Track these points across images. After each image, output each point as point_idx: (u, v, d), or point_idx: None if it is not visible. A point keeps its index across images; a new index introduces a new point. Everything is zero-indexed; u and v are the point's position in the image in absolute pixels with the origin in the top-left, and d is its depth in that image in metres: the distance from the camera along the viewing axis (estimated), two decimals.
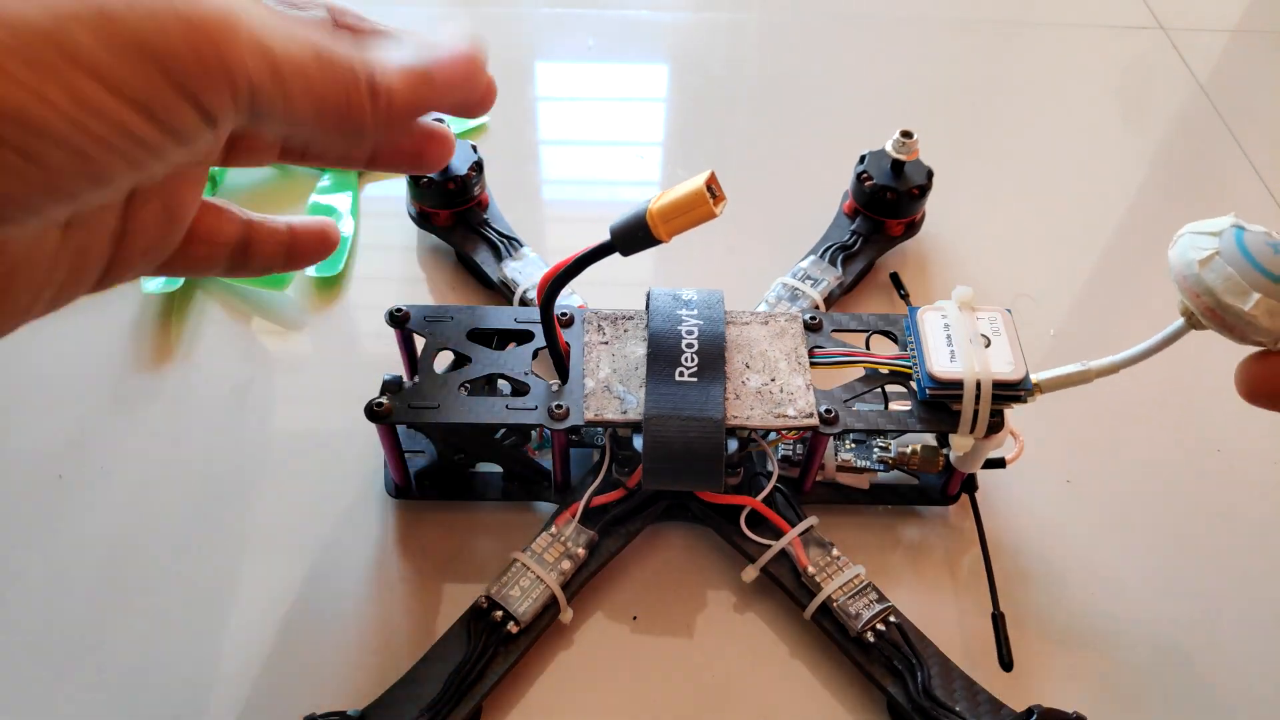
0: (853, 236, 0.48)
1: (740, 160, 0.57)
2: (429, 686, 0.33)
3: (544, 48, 0.65)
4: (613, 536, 0.37)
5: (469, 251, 0.47)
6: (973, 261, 0.51)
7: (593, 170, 0.57)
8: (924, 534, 0.40)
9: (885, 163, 0.47)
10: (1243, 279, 0.28)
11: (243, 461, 0.41)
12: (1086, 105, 0.62)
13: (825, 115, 0.60)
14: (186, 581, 0.38)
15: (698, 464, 0.34)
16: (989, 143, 0.59)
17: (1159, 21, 0.69)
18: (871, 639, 0.34)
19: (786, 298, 0.45)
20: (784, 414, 0.35)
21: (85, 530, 0.39)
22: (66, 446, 0.41)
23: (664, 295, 0.38)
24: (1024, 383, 0.35)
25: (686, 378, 0.35)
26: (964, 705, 0.33)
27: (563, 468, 0.38)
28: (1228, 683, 0.37)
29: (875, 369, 0.37)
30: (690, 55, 0.65)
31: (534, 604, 0.34)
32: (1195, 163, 0.58)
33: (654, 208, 0.32)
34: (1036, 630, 0.37)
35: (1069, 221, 0.54)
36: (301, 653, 0.36)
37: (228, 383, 0.44)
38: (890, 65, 0.64)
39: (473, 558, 0.39)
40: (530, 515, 0.40)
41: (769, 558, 0.36)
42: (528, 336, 0.38)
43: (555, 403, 0.35)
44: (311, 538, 0.39)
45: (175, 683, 0.35)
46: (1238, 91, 0.63)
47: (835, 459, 0.40)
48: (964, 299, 0.37)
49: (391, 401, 0.35)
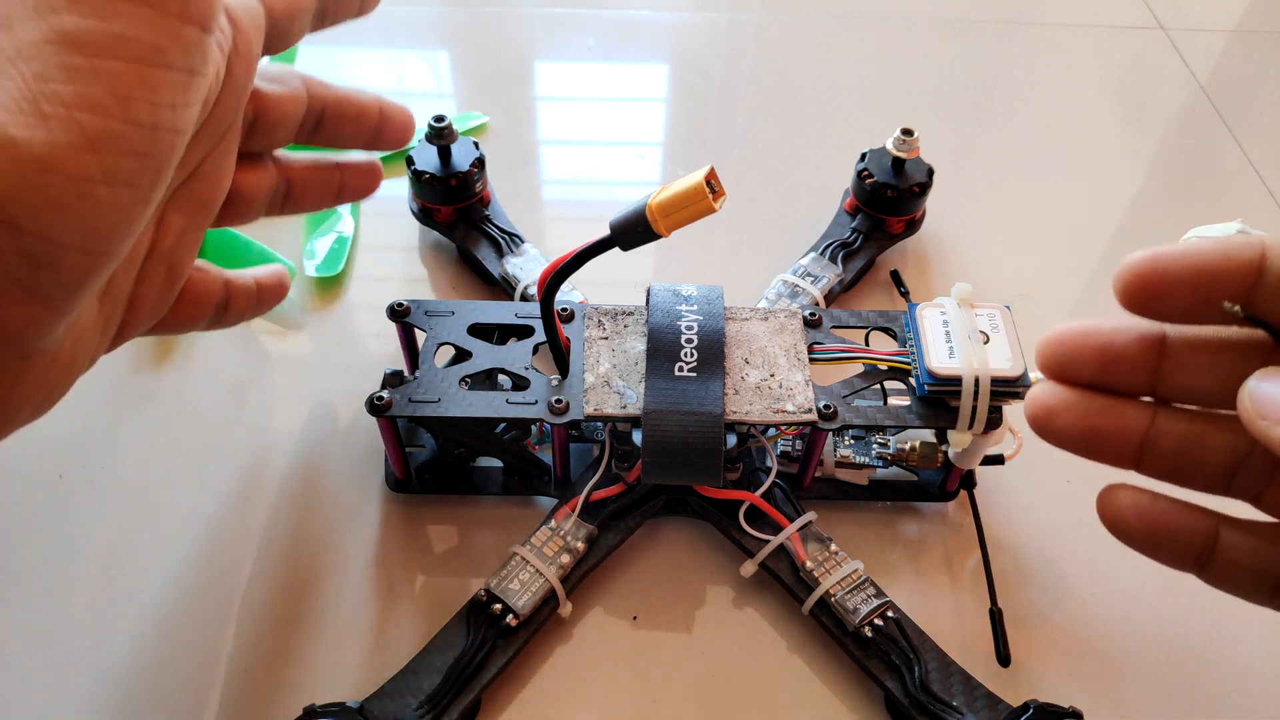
0: (853, 234, 0.48)
1: (741, 159, 0.57)
2: (429, 678, 0.33)
3: (544, 48, 0.65)
4: (612, 531, 0.37)
5: (470, 247, 0.47)
6: (972, 260, 0.51)
7: (593, 170, 0.57)
8: (922, 530, 0.40)
9: (886, 160, 0.47)
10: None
11: (243, 460, 0.41)
12: (1086, 105, 0.62)
13: (825, 114, 0.60)
14: (186, 578, 0.38)
15: (697, 459, 0.34)
16: (989, 142, 0.60)
17: (1159, 21, 0.69)
18: (869, 634, 0.35)
19: (787, 294, 0.45)
20: (783, 409, 0.35)
21: (85, 530, 0.39)
22: (66, 446, 0.41)
23: (664, 290, 0.38)
24: (1022, 379, 0.35)
25: (686, 373, 0.35)
26: (961, 700, 0.33)
27: (562, 462, 0.38)
28: (1225, 679, 0.37)
29: (874, 365, 0.38)
30: (690, 55, 0.65)
31: (533, 597, 0.35)
32: (1195, 163, 0.58)
33: (654, 202, 0.32)
34: (1034, 626, 0.37)
35: (1069, 221, 0.54)
36: (302, 645, 0.36)
37: (228, 383, 0.44)
38: (890, 65, 0.65)
39: (472, 551, 0.39)
40: (530, 509, 0.40)
41: (767, 552, 0.36)
42: (528, 331, 0.38)
43: (555, 397, 0.35)
44: (312, 531, 0.39)
45: (176, 678, 0.35)
46: (1238, 91, 0.63)
47: (834, 455, 0.40)
48: (963, 296, 0.37)
49: (392, 395, 0.35)
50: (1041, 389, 0.25)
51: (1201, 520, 0.24)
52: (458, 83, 0.63)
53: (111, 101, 0.20)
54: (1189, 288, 0.23)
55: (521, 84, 0.62)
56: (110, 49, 0.20)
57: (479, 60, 0.64)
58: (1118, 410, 0.24)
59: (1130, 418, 0.24)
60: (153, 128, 0.21)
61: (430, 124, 0.45)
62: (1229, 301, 0.22)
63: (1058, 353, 0.25)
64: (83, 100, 0.19)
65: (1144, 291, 0.23)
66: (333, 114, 0.31)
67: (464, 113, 0.58)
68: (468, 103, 0.60)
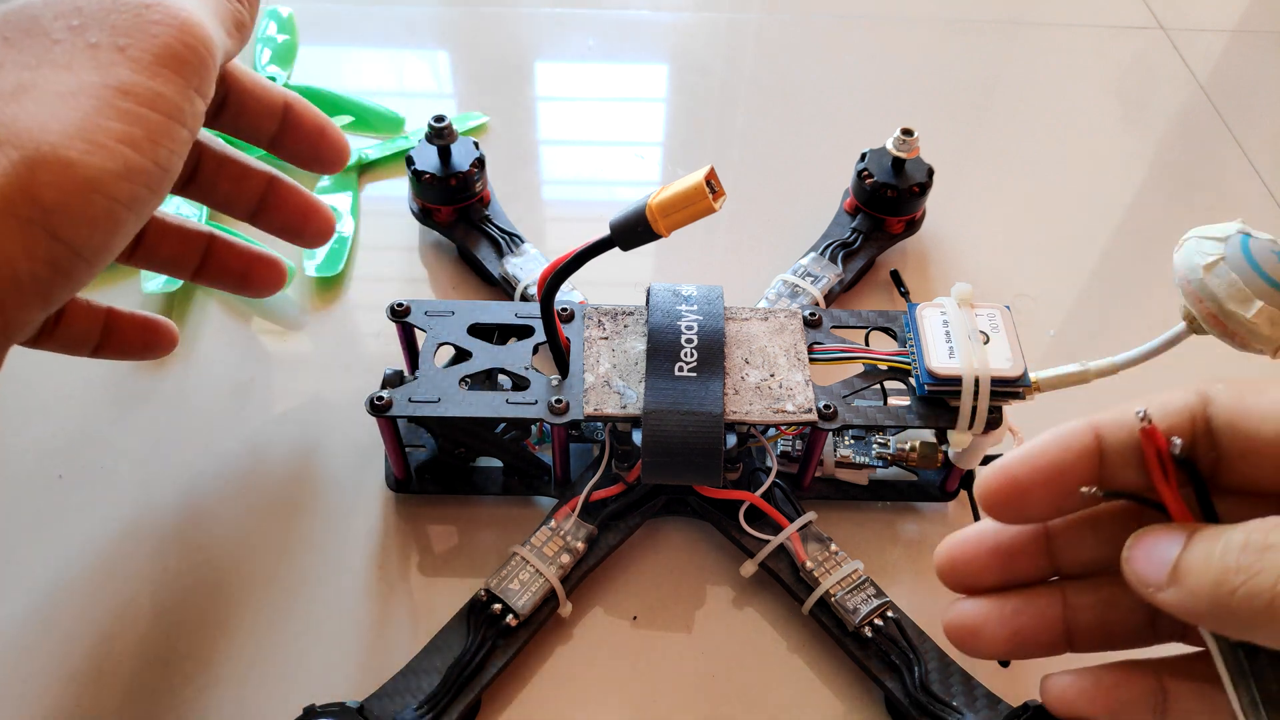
0: (853, 234, 0.48)
1: (741, 159, 0.57)
2: (428, 678, 0.33)
3: (544, 48, 0.65)
4: (612, 531, 0.37)
5: (470, 247, 0.47)
6: (972, 260, 0.51)
7: (593, 170, 0.57)
8: (923, 530, 0.40)
9: (886, 160, 0.47)
10: (1246, 286, 0.28)
11: (243, 460, 0.41)
12: (1086, 105, 0.62)
13: (825, 114, 0.60)
14: (186, 578, 0.38)
15: (696, 459, 0.34)
16: (989, 142, 0.60)
17: (1159, 21, 0.69)
18: (869, 634, 0.35)
19: (787, 294, 0.45)
20: (783, 409, 0.35)
21: (85, 530, 0.39)
22: (66, 446, 0.41)
23: (664, 290, 0.38)
24: (1022, 379, 0.35)
25: (686, 373, 0.35)
26: (961, 700, 0.33)
27: (562, 462, 0.38)
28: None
29: (874, 365, 0.38)
30: (690, 55, 0.65)
31: (533, 597, 0.35)
32: (1195, 163, 0.58)
33: (653, 202, 0.32)
34: None
35: (1069, 221, 0.54)
36: (302, 644, 0.36)
37: (228, 383, 0.44)
38: (890, 65, 0.64)
39: (472, 551, 0.39)
40: (530, 509, 0.40)
41: (767, 553, 0.36)
42: (528, 332, 0.38)
43: (555, 397, 0.35)
44: (312, 531, 0.39)
45: (176, 678, 0.35)
46: (1238, 91, 0.63)
47: (834, 455, 0.40)
48: (963, 296, 0.37)
49: (392, 395, 0.35)
50: (957, 611, 0.26)
51: (1145, 678, 0.25)
52: (458, 83, 0.63)
53: (147, 143, 0.24)
54: (1042, 490, 0.24)
55: (521, 84, 0.62)
56: (151, 102, 0.24)
57: (479, 60, 0.64)
58: (1032, 602, 0.25)
59: (1045, 605, 0.25)
60: (164, 169, 0.25)
61: (430, 124, 0.45)
62: (1085, 487, 0.23)
63: (958, 564, 0.26)
64: (128, 138, 0.23)
65: (1007, 505, 0.24)
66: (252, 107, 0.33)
67: (464, 113, 0.58)
68: (468, 103, 0.60)
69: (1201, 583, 0.20)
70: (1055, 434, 0.24)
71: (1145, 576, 0.22)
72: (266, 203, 0.35)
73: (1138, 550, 0.22)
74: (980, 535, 0.26)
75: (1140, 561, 0.22)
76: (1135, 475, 0.23)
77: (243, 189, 0.35)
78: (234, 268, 0.37)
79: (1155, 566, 0.21)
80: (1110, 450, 0.23)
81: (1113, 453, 0.23)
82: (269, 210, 0.35)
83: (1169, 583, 0.21)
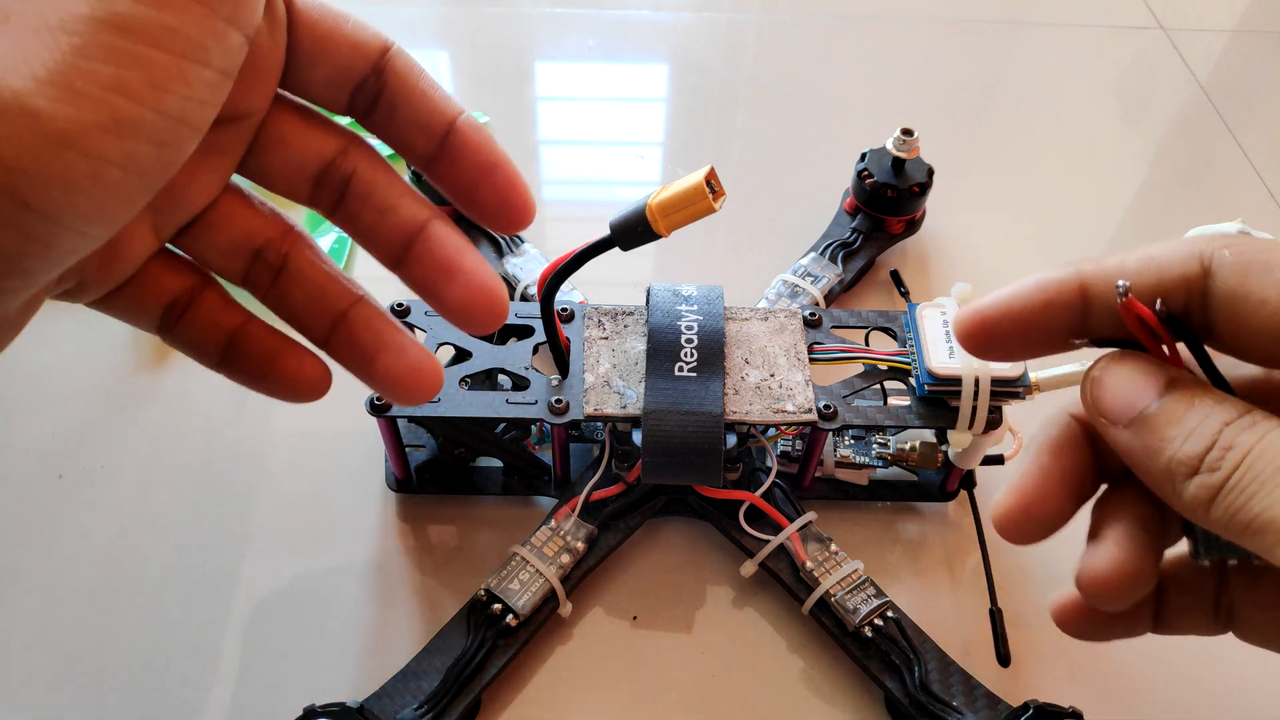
0: (853, 234, 0.48)
1: (741, 159, 0.57)
2: (429, 678, 0.33)
3: (544, 48, 0.65)
4: (612, 531, 0.37)
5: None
6: (972, 260, 0.51)
7: (593, 170, 0.57)
8: (922, 530, 0.40)
9: (886, 160, 0.47)
10: None
11: (243, 460, 0.41)
12: (1086, 105, 0.62)
13: (825, 114, 0.60)
14: (187, 578, 0.38)
15: (696, 459, 0.34)
16: (989, 142, 0.60)
17: (1159, 21, 0.69)
18: (869, 634, 0.35)
19: (787, 294, 0.45)
20: (783, 409, 0.35)
21: (85, 530, 0.39)
22: (66, 446, 0.41)
23: (664, 290, 0.38)
24: (1022, 379, 0.35)
25: (686, 373, 0.35)
26: (961, 700, 0.33)
27: (562, 462, 0.38)
28: (1224, 679, 0.37)
29: (874, 365, 0.38)
30: (690, 55, 0.65)
31: (533, 597, 0.35)
32: (1195, 163, 0.58)
33: (654, 202, 0.32)
34: (1034, 626, 0.37)
35: (1069, 221, 0.54)
36: (302, 645, 0.36)
37: (228, 383, 0.44)
38: (890, 65, 0.64)
39: (473, 551, 0.39)
40: (530, 509, 0.40)
41: (767, 552, 0.36)
42: (528, 331, 0.38)
43: (555, 397, 0.35)
44: (312, 531, 0.39)
45: (176, 678, 0.35)
46: (1238, 91, 0.63)
47: (834, 455, 0.40)
48: (963, 296, 0.37)
49: None
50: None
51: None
52: (458, 83, 0.63)
53: (147, 90, 0.19)
54: (1019, 335, 0.22)
55: (521, 84, 0.62)
56: (156, 39, 0.19)
57: (479, 60, 0.64)
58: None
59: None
60: (179, 120, 0.20)
61: None
62: (1072, 337, 0.22)
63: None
64: (119, 84, 0.19)
65: (983, 343, 0.23)
66: (396, 90, 0.26)
67: None
68: (468, 103, 0.59)
69: (1158, 448, 0.20)
70: (1036, 281, 0.22)
71: (1107, 409, 0.21)
72: (411, 249, 0.26)
73: (1109, 378, 0.21)
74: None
75: (1108, 391, 0.21)
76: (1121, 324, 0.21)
77: (387, 223, 0.26)
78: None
79: (1122, 406, 0.20)
80: (1097, 304, 0.22)
81: (1098, 305, 0.22)
82: (410, 260, 0.26)
83: (1129, 426, 0.20)
